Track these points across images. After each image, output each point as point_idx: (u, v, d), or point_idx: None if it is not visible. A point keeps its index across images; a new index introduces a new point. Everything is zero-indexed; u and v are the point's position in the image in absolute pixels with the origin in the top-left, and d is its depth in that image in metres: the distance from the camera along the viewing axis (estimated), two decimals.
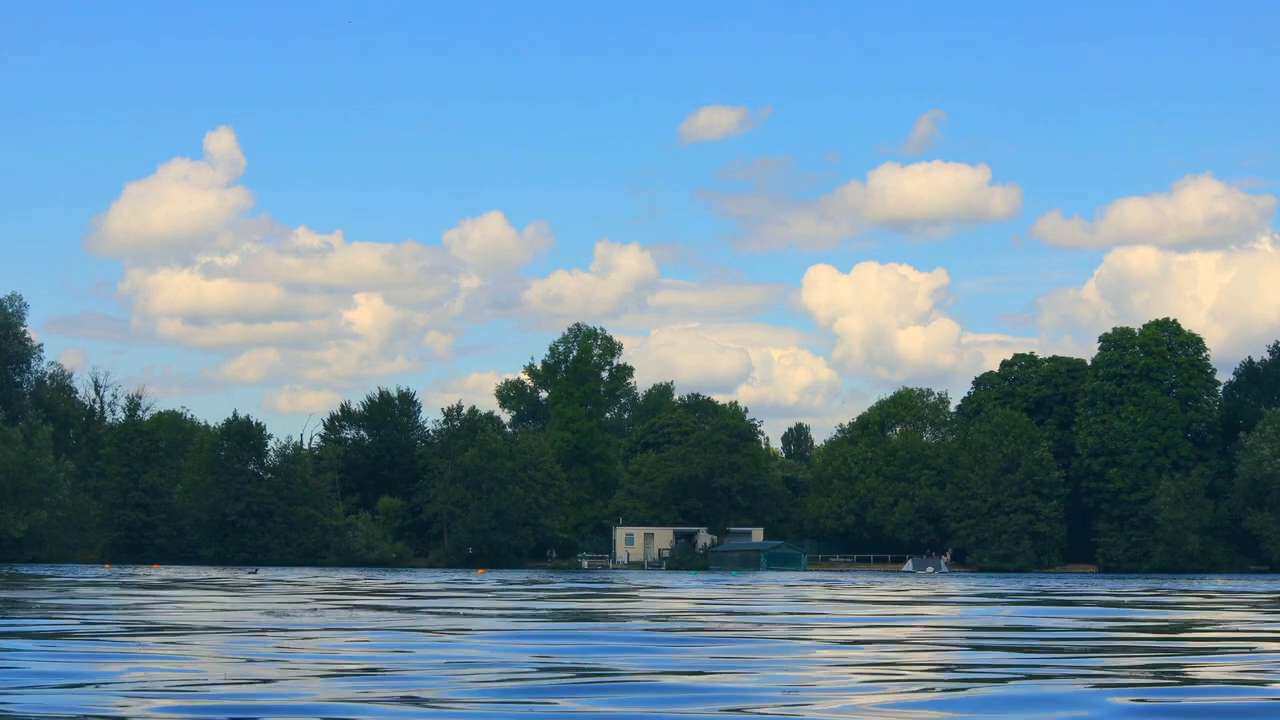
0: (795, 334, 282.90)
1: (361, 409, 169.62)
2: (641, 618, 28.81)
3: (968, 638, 24.05)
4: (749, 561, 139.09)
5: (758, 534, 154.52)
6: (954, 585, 63.96)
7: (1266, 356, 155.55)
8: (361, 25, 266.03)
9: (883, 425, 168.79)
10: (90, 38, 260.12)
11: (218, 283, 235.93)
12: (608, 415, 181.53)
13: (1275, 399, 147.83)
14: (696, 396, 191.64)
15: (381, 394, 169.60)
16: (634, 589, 54.06)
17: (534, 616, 29.02)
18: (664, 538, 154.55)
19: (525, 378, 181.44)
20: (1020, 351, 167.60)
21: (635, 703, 13.25)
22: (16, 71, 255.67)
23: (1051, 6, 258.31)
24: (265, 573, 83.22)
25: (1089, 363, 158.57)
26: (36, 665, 16.45)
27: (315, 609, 31.06)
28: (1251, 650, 20.73)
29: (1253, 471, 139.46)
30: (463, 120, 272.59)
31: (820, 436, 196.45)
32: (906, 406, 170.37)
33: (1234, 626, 27.48)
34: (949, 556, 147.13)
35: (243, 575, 76.10)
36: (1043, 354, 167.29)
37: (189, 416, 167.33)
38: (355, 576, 76.27)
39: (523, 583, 62.25)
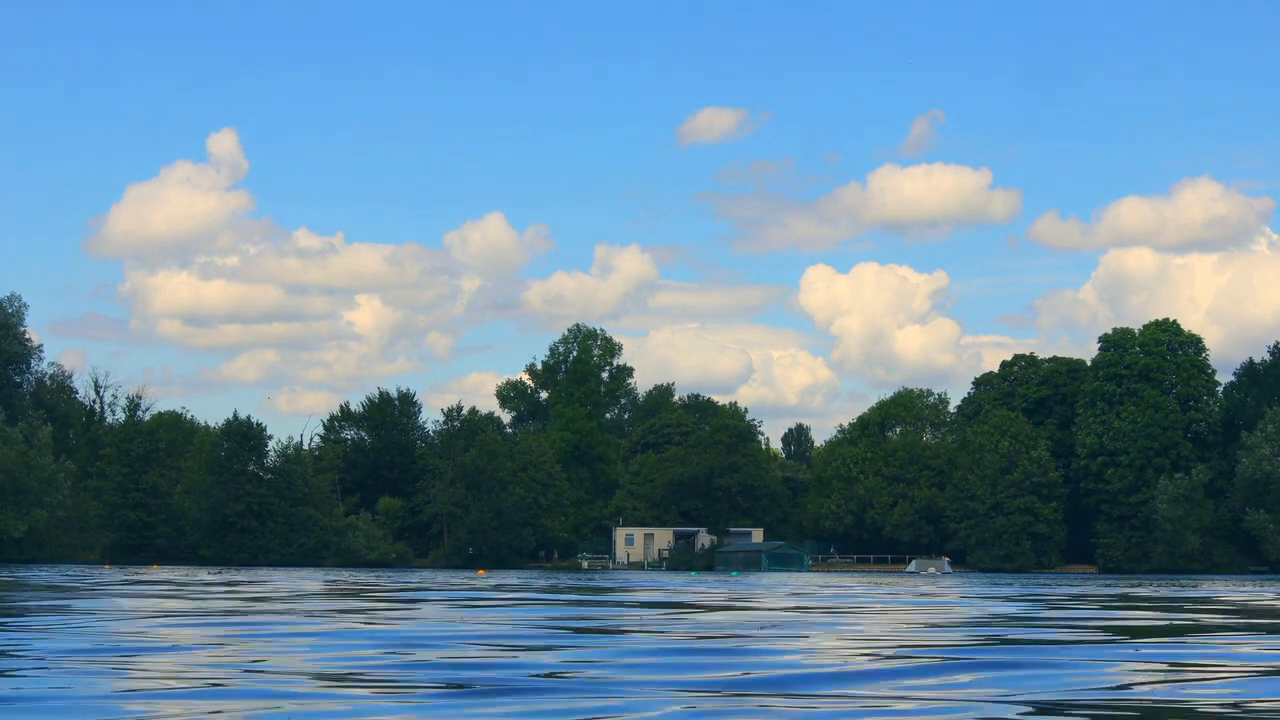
0: (794, 335, 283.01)
1: (361, 409, 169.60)
2: None
3: None
4: (751, 562, 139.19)
5: (757, 534, 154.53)
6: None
7: (1266, 357, 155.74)
8: (361, 26, 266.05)
9: (882, 426, 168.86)
10: (92, 39, 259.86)
11: (217, 284, 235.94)
12: (608, 416, 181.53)
13: (1275, 399, 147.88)
14: (696, 397, 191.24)
15: (381, 394, 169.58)
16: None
17: None
18: (664, 538, 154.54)
19: (525, 378, 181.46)
20: (1019, 352, 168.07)
21: None
22: (19, 72, 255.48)
23: (1051, 7, 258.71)
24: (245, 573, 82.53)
25: (1089, 363, 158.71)
26: None
27: None
28: None
29: (1253, 471, 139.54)
30: (463, 121, 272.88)
31: (820, 437, 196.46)
32: (906, 407, 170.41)
33: None
34: (951, 557, 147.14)
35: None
36: (1040, 355, 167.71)
37: (189, 417, 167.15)
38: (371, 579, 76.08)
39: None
